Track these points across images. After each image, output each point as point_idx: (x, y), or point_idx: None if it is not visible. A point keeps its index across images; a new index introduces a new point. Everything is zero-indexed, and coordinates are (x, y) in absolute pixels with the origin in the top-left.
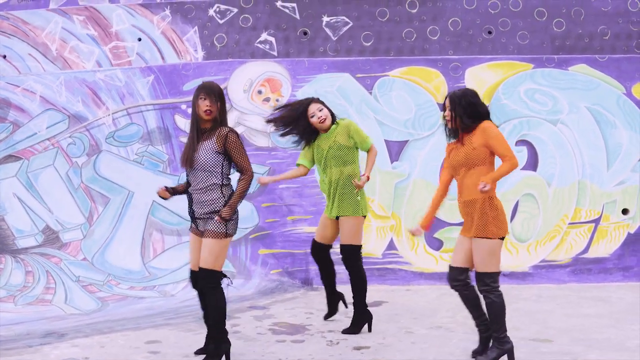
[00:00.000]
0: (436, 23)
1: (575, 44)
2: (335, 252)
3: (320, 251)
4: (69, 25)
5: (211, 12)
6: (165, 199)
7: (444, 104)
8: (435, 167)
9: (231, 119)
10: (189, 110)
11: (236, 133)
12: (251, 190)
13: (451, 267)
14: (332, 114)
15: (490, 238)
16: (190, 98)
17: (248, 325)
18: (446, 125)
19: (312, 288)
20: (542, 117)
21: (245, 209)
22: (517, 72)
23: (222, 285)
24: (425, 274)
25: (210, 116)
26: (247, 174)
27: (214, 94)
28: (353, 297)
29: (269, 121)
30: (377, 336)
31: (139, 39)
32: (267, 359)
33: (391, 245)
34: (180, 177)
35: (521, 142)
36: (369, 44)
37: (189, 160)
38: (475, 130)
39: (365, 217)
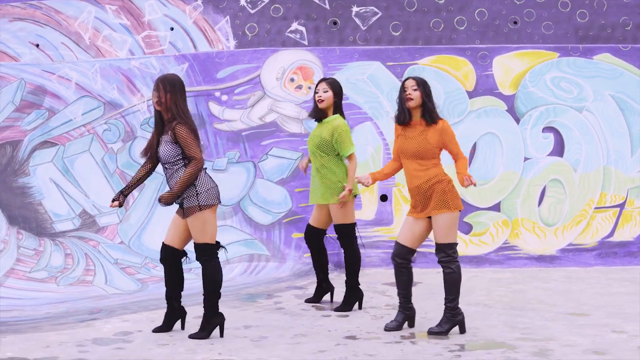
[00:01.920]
0: (463, 13)
1: (598, 34)
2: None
3: (314, 236)
4: (101, 15)
5: (242, 2)
6: (120, 206)
7: (403, 85)
8: (465, 153)
9: (264, 106)
10: (223, 98)
11: (184, 124)
12: (284, 175)
13: (399, 244)
14: (338, 106)
15: (451, 211)
16: (224, 85)
17: (290, 302)
18: (403, 105)
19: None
20: (568, 104)
21: (278, 193)
22: (543, 60)
23: (220, 257)
24: None
25: (160, 107)
26: (194, 162)
27: (164, 85)
28: (346, 275)
29: None
30: (419, 312)
31: (172, 28)
32: (317, 331)
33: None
34: (214, 163)
35: (548, 128)
36: (398, 33)
37: (149, 153)
38: (432, 125)
39: (355, 196)
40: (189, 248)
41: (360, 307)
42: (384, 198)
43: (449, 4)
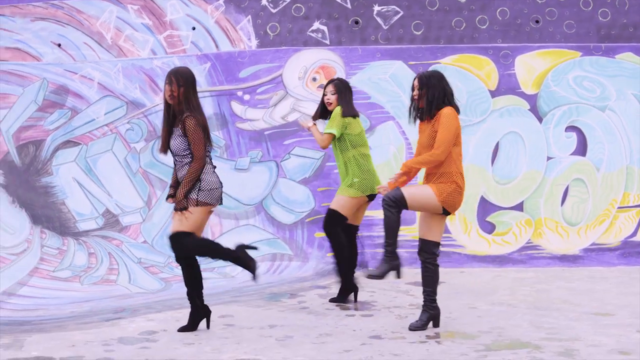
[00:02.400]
0: (485, 12)
1: (620, 33)
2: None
3: (345, 231)
4: (123, 15)
5: (264, 1)
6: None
7: (413, 84)
8: (487, 152)
9: (287, 106)
10: (245, 97)
11: (194, 118)
12: (307, 175)
13: (420, 239)
14: (345, 105)
15: (437, 199)
16: (247, 85)
17: (314, 302)
18: (412, 105)
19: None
20: (591, 103)
21: (301, 193)
22: (566, 59)
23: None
24: (478, 257)
25: (174, 101)
26: (196, 161)
27: (177, 78)
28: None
29: None
30: (443, 311)
31: (193, 28)
32: (341, 330)
33: (444, 229)
34: (237, 162)
35: (570, 128)
36: (420, 32)
37: (163, 147)
38: (437, 115)
39: (368, 196)
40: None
41: (355, 300)
42: None
43: (470, 3)
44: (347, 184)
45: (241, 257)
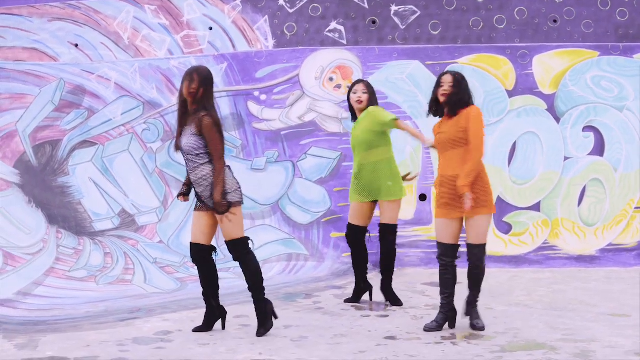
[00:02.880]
0: (502, 12)
1: (638, 33)
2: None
3: (355, 234)
4: (140, 15)
5: (281, 1)
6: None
7: (439, 80)
8: (504, 152)
9: (303, 106)
10: (262, 97)
11: (212, 117)
12: (323, 175)
13: (441, 244)
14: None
15: (494, 210)
16: (263, 85)
17: (329, 302)
18: (436, 101)
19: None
20: (609, 103)
21: (317, 193)
22: (584, 59)
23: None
24: (494, 257)
25: (191, 98)
26: (217, 161)
27: (200, 78)
28: (388, 276)
29: None
30: (459, 311)
31: (210, 28)
32: (357, 331)
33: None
34: (253, 162)
35: (588, 128)
36: (437, 32)
37: (176, 145)
38: (462, 112)
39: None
40: (219, 244)
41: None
42: (423, 197)
43: (488, 2)
44: (384, 188)
45: (268, 308)
